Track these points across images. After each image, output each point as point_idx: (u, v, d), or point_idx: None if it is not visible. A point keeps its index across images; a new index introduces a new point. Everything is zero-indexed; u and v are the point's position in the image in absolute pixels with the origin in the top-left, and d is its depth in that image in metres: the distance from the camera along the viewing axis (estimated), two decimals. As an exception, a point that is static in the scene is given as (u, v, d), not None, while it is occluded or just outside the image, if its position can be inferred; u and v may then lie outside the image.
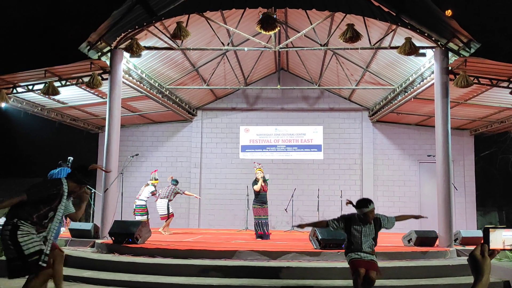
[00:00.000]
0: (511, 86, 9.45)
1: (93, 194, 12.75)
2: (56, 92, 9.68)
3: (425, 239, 8.43)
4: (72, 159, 11.07)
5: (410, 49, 8.48)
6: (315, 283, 6.32)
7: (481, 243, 1.78)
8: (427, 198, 13.62)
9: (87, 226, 9.24)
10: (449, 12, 17.51)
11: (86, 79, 9.62)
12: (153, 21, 8.76)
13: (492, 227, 1.82)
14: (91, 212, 13.55)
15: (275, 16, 8.29)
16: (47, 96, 10.52)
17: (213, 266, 6.82)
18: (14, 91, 10.30)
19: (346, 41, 8.44)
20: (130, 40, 8.83)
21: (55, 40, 21.05)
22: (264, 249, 7.68)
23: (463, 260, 7.38)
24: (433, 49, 8.91)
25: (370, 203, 4.94)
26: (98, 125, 14.54)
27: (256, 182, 10.15)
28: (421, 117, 13.43)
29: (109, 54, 9.34)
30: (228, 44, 10.27)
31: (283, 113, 14.61)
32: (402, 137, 14.36)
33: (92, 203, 13.38)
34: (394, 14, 8.61)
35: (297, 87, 14.15)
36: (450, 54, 8.89)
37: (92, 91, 10.89)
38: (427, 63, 9.69)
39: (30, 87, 10.19)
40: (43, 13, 21.67)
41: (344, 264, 5.34)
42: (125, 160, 11.88)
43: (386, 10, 8.56)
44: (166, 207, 11.09)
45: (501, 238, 1.80)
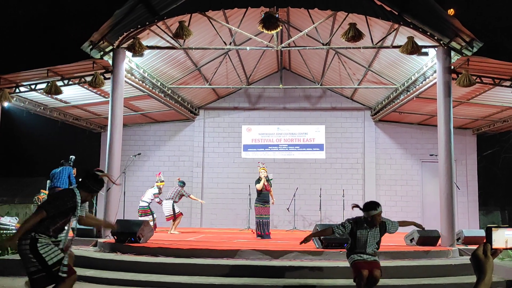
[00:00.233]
0: (513, 85, 9.45)
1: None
2: (58, 92, 9.70)
3: (427, 238, 8.41)
4: (74, 157, 11.13)
5: (413, 48, 8.46)
6: (317, 283, 6.31)
7: (484, 242, 1.78)
8: (429, 197, 13.61)
9: (90, 225, 9.24)
10: (451, 11, 17.42)
11: (88, 79, 9.64)
12: (155, 20, 8.77)
13: (495, 226, 1.81)
14: (94, 212, 13.57)
15: (277, 15, 8.29)
16: (49, 96, 10.55)
17: (215, 265, 6.82)
18: (17, 90, 10.35)
19: (348, 40, 8.44)
20: (132, 40, 8.84)
21: (56, 40, 21.10)
22: (266, 248, 7.68)
23: (466, 260, 7.35)
24: (436, 48, 8.88)
25: (378, 206, 4.92)
26: (100, 124, 14.56)
27: (258, 180, 10.19)
28: (423, 116, 13.40)
29: (111, 53, 9.34)
30: (230, 44, 10.27)
31: (285, 112, 14.60)
32: (404, 136, 14.33)
33: (94, 202, 13.41)
34: (397, 13, 8.58)
35: (299, 86, 14.14)
36: (453, 53, 8.85)
37: (94, 91, 10.91)
38: (429, 62, 9.67)
39: (33, 86, 10.22)
40: (44, 13, 21.71)
41: (346, 264, 5.33)
42: (127, 160, 11.88)
43: (389, 9, 8.53)
44: (171, 208, 11.10)
45: (504, 237, 1.79)
